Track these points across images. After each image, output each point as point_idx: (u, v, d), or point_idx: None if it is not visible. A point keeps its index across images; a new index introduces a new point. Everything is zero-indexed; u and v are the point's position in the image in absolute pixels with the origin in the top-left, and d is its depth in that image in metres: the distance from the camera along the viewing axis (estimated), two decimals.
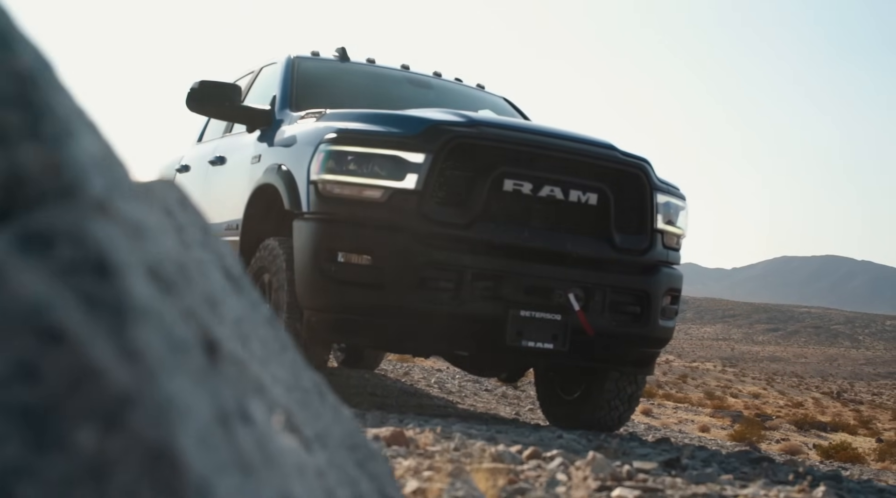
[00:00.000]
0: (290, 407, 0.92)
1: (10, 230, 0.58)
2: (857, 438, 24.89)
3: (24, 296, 0.55)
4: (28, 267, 0.57)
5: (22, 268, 0.57)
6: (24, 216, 0.60)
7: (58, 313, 0.56)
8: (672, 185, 7.33)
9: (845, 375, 71.02)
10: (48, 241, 0.59)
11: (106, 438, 0.55)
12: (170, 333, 0.63)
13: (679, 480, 3.69)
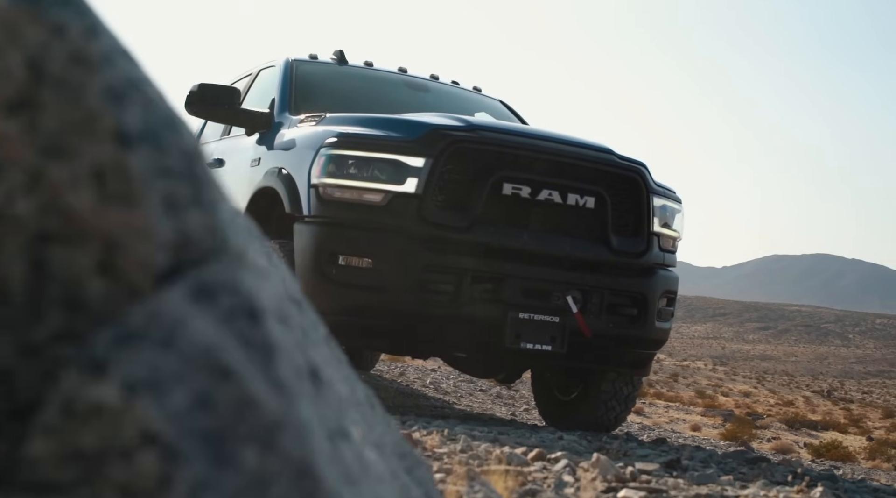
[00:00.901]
0: (358, 420, 1.03)
1: (184, 284, 0.70)
2: (847, 436, 25.06)
3: (199, 340, 0.66)
4: (200, 315, 0.68)
5: (196, 316, 0.68)
6: (193, 271, 0.71)
7: (224, 354, 0.67)
8: (668, 189, 7.45)
9: (835, 373, 71.33)
10: (213, 292, 0.71)
11: (264, 458, 0.66)
12: (294, 364, 0.74)
13: (681, 481, 3.81)
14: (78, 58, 0.71)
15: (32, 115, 0.70)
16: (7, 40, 0.69)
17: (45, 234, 0.70)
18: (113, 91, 0.72)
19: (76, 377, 0.64)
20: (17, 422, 0.69)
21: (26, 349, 0.70)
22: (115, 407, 0.62)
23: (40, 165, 0.68)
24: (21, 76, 0.70)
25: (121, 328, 0.67)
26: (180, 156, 0.72)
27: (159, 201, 0.71)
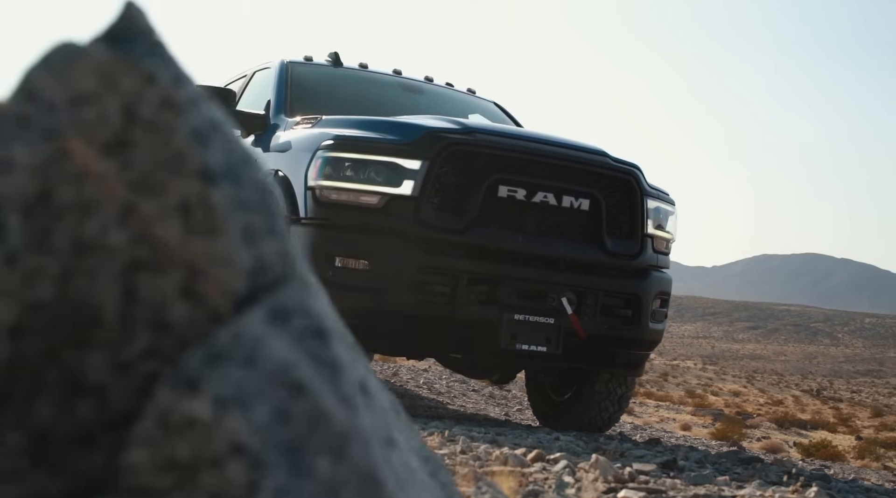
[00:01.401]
0: (401, 428, 1.10)
1: (262, 308, 0.77)
2: (836, 435, 25.19)
3: (277, 359, 0.73)
4: (277, 336, 0.75)
5: (273, 337, 0.75)
6: (268, 296, 0.78)
7: (299, 371, 0.74)
8: (662, 191, 7.53)
9: (825, 372, 71.59)
10: (287, 315, 0.78)
11: (335, 466, 0.73)
12: (353, 378, 0.81)
13: (678, 482, 3.89)
14: (167, 103, 0.78)
15: (126, 155, 0.77)
16: (105, 88, 0.76)
17: (136, 263, 0.76)
18: (197, 132, 0.79)
19: (171, 393, 0.71)
20: (110, 432, 0.76)
21: (118, 367, 0.77)
22: (206, 421, 0.69)
23: (132, 200, 0.75)
24: (117, 120, 0.77)
25: (210, 349, 0.74)
26: (255, 190, 0.80)
27: (238, 232, 0.78)
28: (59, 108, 0.76)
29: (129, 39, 0.80)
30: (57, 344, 0.75)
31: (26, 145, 0.73)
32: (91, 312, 0.76)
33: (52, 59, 0.77)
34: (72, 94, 0.76)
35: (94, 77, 0.77)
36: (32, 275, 0.73)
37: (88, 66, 0.77)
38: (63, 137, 0.74)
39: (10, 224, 0.73)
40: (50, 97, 0.76)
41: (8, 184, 0.72)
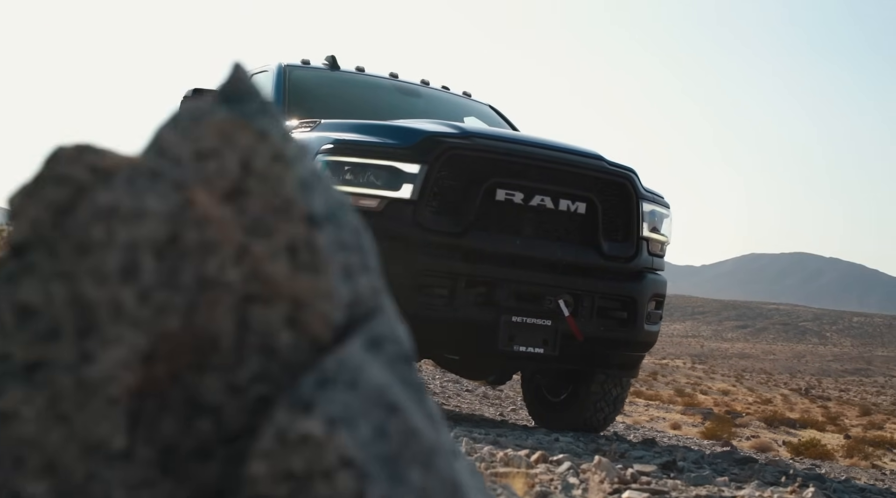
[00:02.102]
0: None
1: (360, 337, 0.87)
2: (825, 434, 25.36)
3: (375, 382, 0.83)
4: (373, 361, 0.85)
5: (370, 362, 0.85)
6: (364, 325, 0.88)
7: (393, 393, 0.84)
8: (657, 194, 7.64)
9: (813, 371, 71.89)
10: (381, 342, 0.88)
11: (426, 478, 0.83)
12: (427, 395, 0.91)
13: (679, 483, 3.99)
14: (278, 157, 0.88)
15: (242, 202, 0.87)
16: (225, 144, 0.86)
17: (248, 297, 0.87)
18: (303, 182, 0.89)
19: (288, 413, 0.81)
20: (226, 447, 0.86)
21: (232, 388, 0.87)
22: (319, 437, 0.79)
23: (246, 242, 0.85)
24: (235, 172, 0.87)
25: (319, 374, 0.84)
26: (352, 232, 0.90)
27: (338, 269, 0.88)
28: (185, 163, 0.86)
29: (241, 99, 0.90)
30: (181, 368, 0.85)
31: (158, 195, 0.83)
32: (210, 340, 0.86)
33: (180, 119, 0.87)
34: (196, 149, 0.86)
35: (216, 135, 0.87)
36: (163, 308, 0.83)
37: (210, 125, 0.87)
38: (189, 188, 0.84)
39: (144, 264, 0.83)
40: (178, 153, 0.86)
41: (142, 229, 0.82)
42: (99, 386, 0.82)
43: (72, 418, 0.81)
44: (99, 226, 0.82)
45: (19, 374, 0.82)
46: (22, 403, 0.81)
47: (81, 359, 0.82)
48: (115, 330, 0.82)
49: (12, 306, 0.83)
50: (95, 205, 0.83)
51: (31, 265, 0.83)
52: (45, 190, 0.85)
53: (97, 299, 0.82)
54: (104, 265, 0.82)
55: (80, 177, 0.85)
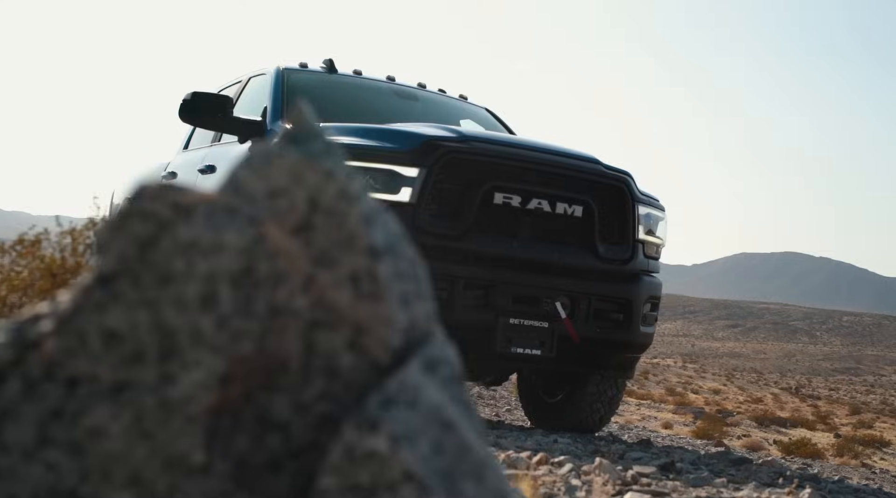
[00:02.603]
0: None
1: (417, 360, 0.94)
2: (815, 433, 25.46)
3: (432, 402, 0.90)
4: (429, 382, 0.92)
5: (427, 383, 0.92)
6: (421, 349, 0.96)
7: (448, 411, 0.91)
8: (652, 197, 7.72)
9: (803, 370, 72.12)
10: (435, 364, 0.95)
11: (478, 489, 0.90)
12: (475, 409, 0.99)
13: (678, 484, 4.08)
14: (343, 194, 0.95)
15: (309, 236, 0.94)
16: (295, 183, 0.93)
17: (314, 322, 0.94)
18: (366, 216, 0.97)
19: (355, 431, 0.89)
20: (293, 461, 0.93)
21: (299, 407, 0.94)
22: (384, 454, 0.86)
23: (313, 272, 0.92)
24: (303, 209, 0.94)
25: (383, 395, 0.91)
26: (409, 262, 0.97)
27: (397, 297, 0.96)
28: (258, 200, 0.93)
29: (307, 139, 0.97)
30: (253, 389, 0.92)
31: (234, 230, 0.90)
32: (279, 363, 0.93)
33: (254, 160, 0.94)
34: (269, 188, 0.94)
35: (286, 174, 0.94)
36: (238, 334, 0.90)
37: (281, 165, 0.94)
38: (262, 223, 0.91)
39: (222, 294, 0.90)
40: (252, 191, 0.93)
41: (220, 261, 0.89)
42: (180, 405, 0.89)
43: (155, 435, 0.89)
44: (180, 258, 0.90)
45: (106, 394, 0.89)
46: (109, 421, 0.89)
47: (164, 380, 0.90)
48: (195, 354, 0.89)
49: (100, 332, 0.90)
50: (177, 239, 0.90)
51: (117, 294, 0.90)
52: (131, 225, 0.92)
53: (178, 326, 0.89)
54: (185, 294, 0.89)
55: (163, 213, 0.92)
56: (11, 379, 0.94)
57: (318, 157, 0.97)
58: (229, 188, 0.95)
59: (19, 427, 0.92)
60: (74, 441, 0.91)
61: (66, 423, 0.92)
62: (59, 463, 0.91)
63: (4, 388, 0.94)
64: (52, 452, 0.92)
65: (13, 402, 0.93)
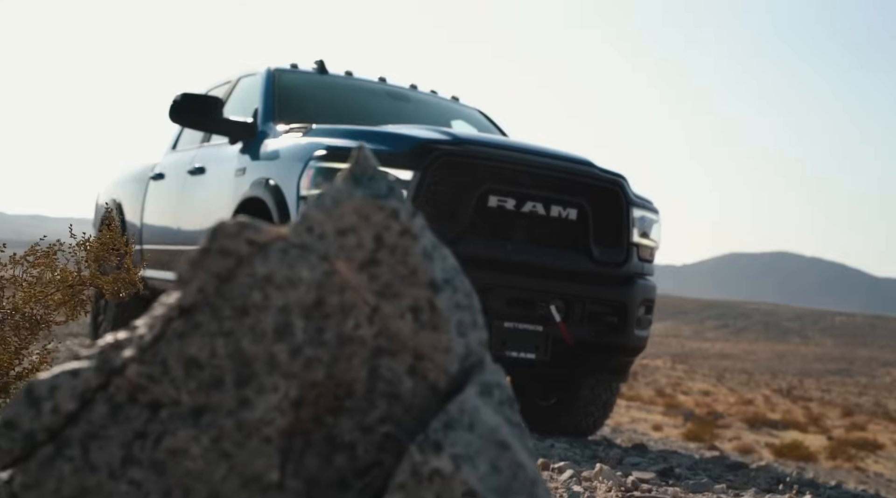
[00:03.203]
0: None
1: (474, 385, 1.03)
2: (807, 435, 25.63)
3: (488, 424, 0.99)
4: (485, 406, 1.01)
5: (484, 407, 1.01)
6: (477, 375, 1.04)
7: (503, 433, 1.00)
8: (646, 200, 7.82)
9: (795, 371, 72.37)
10: (490, 389, 1.04)
11: None
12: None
13: (679, 490, 4.17)
14: (406, 232, 1.04)
15: (374, 270, 1.03)
16: (361, 222, 1.02)
17: (378, 350, 1.03)
18: (426, 252, 1.05)
19: (421, 452, 0.97)
20: (359, 479, 1.01)
21: (364, 428, 1.03)
22: (448, 473, 0.95)
23: (377, 304, 1.01)
24: (370, 246, 1.03)
25: (445, 418, 1.00)
26: (465, 294, 1.06)
27: (454, 326, 1.05)
28: (329, 238, 1.02)
29: (370, 178, 1.06)
30: (322, 412, 1.01)
31: (307, 266, 0.99)
32: (346, 388, 1.02)
33: (324, 201, 1.03)
34: (338, 227, 1.02)
35: (354, 214, 1.03)
36: (310, 362, 0.99)
37: (349, 206, 1.03)
38: (332, 259, 1.00)
39: (295, 324, 0.98)
40: (322, 229, 1.02)
41: (295, 295, 0.98)
42: (256, 428, 0.98)
43: (233, 455, 0.97)
44: (257, 291, 0.98)
45: (187, 417, 0.98)
46: (190, 442, 0.97)
47: (241, 404, 0.98)
48: (271, 380, 0.98)
49: (181, 360, 0.98)
50: (254, 273, 0.99)
51: (197, 325, 0.99)
52: (210, 261, 1.00)
53: (255, 354, 0.98)
54: (261, 325, 0.98)
55: (240, 249, 1.01)
56: (98, 402, 1.03)
57: (382, 198, 1.06)
58: (301, 227, 1.04)
59: (106, 447, 1.00)
60: (157, 461, 1.00)
61: (150, 444, 1.00)
62: (143, 481, 1.00)
63: (92, 410, 1.03)
64: (137, 471, 1.00)
65: (100, 424, 1.02)
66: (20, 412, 1.06)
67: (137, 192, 10.27)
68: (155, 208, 9.67)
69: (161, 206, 9.50)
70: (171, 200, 9.25)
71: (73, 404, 1.05)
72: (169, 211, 9.22)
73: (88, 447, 1.02)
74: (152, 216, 9.70)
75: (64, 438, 1.04)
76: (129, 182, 10.73)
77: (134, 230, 10.07)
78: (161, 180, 9.85)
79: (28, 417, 1.05)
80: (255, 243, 1.02)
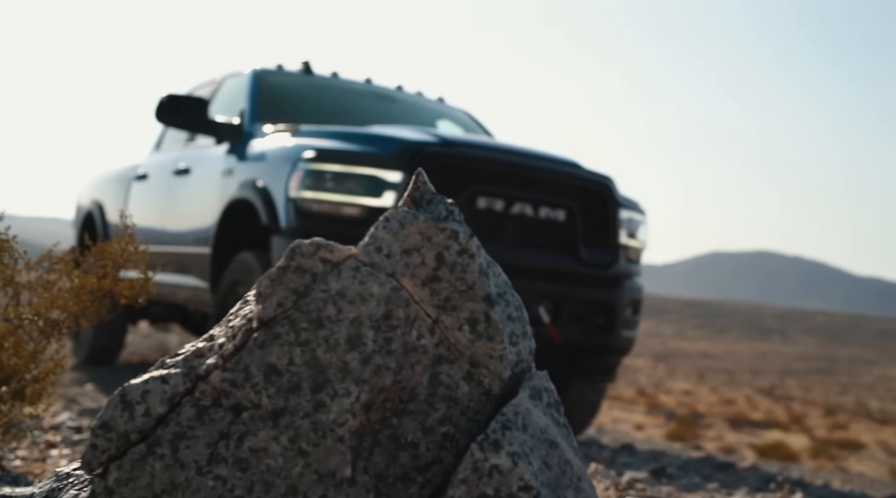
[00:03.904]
0: None
1: (526, 389, 1.16)
2: (789, 435, 25.85)
3: (539, 425, 1.11)
4: (536, 408, 1.13)
5: (535, 409, 1.13)
6: (528, 381, 1.16)
7: (552, 432, 1.12)
8: (633, 201, 7.95)
9: (776, 371, 72.80)
10: (540, 393, 1.16)
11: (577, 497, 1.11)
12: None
13: (672, 489, 4.29)
14: (464, 251, 1.16)
15: (436, 286, 1.15)
16: (425, 242, 1.14)
17: (439, 358, 1.14)
18: (482, 269, 1.18)
19: (481, 450, 1.09)
20: (422, 474, 1.13)
21: (425, 429, 1.15)
22: (506, 469, 1.07)
23: (438, 316, 1.13)
24: (432, 264, 1.15)
25: (502, 420, 1.12)
26: (516, 307, 1.19)
27: (507, 336, 1.16)
28: (395, 257, 1.14)
29: (430, 202, 1.18)
30: (388, 414, 1.12)
31: (376, 282, 1.11)
32: (410, 392, 1.14)
33: (390, 223, 1.15)
34: (404, 247, 1.14)
35: (418, 235, 1.15)
36: (379, 369, 1.11)
37: (414, 227, 1.15)
38: (398, 276, 1.12)
39: (366, 335, 1.10)
40: (390, 249, 1.14)
41: (366, 308, 1.10)
42: (330, 428, 1.10)
43: (309, 453, 1.09)
44: (331, 305, 1.10)
45: (267, 419, 1.09)
46: (270, 442, 1.09)
47: (317, 407, 1.10)
48: (344, 386, 1.10)
49: (262, 367, 1.10)
50: (328, 289, 1.11)
51: (276, 336, 1.10)
52: (288, 278, 1.12)
53: (329, 362, 1.09)
54: (335, 336, 1.09)
55: (315, 267, 1.12)
56: (186, 406, 1.14)
57: (442, 220, 1.18)
58: (370, 247, 1.16)
59: (193, 446, 1.12)
60: (240, 459, 1.11)
61: (233, 443, 1.12)
62: (227, 477, 1.11)
63: (180, 413, 1.14)
64: (222, 468, 1.12)
65: (187, 425, 1.13)
66: (114, 415, 1.17)
67: (120, 193, 10.31)
68: (139, 209, 9.71)
69: (145, 207, 9.55)
70: (156, 201, 9.31)
71: (163, 408, 1.17)
72: (154, 212, 9.26)
73: (177, 446, 1.13)
74: (136, 217, 9.71)
75: (155, 439, 1.16)
76: (110, 182, 10.77)
77: (117, 231, 10.13)
78: (145, 181, 9.90)
79: (122, 420, 1.17)
80: (328, 262, 1.14)
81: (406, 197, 1.22)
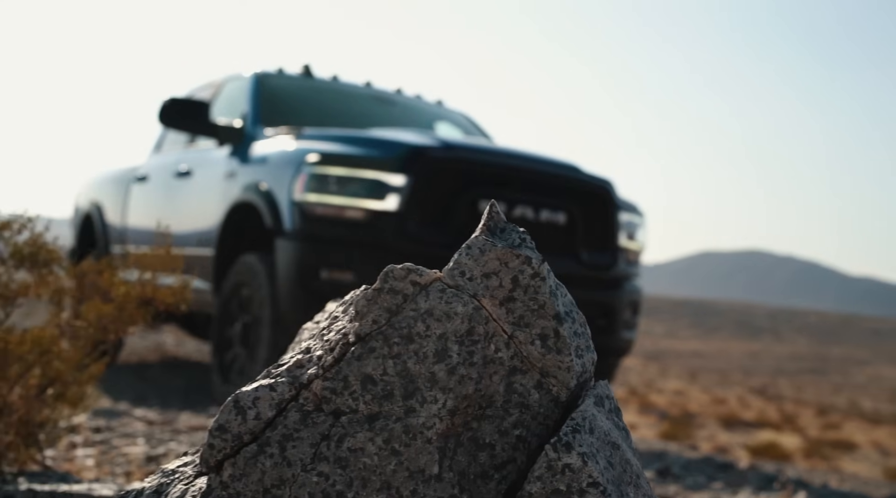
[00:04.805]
0: None
1: (591, 397, 1.31)
2: (782, 434, 26.04)
3: (603, 428, 1.27)
4: (599, 413, 1.29)
5: (599, 415, 1.29)
6: (591, 389, 1.32)
7: (614, 435, 1.28)
8: (632, 204, 8.12)
9: (768, 370, 73.07)
10: (602, 400, 1.32)
11: (636, 494, 1.27)
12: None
13: (678, 488, 4.45)
14: (536, 275, 1.32)
15: (511, 306, 1.30)
16: (502, 267, 1.30)
17: (513, 369, 1.30)
18: (552, 290, 1.33)
19: (554, 451, 1.25)
20: (498, 472, 1.29)
21: (501, 432, 1.30)
22: (577, 467, 1.23)
23: (513, 332, 1.28)
24: (508, 286, 1.30)
25: (573, 424, 1.28)
26: (581, 324, 1.35)
27: (573, 349, 1.32)
28: (476, 280, 1.30)
29: (503, 230, 1.34)
30: (469, 419, 1.28)
31: (460, 302, 1.26)
32: (488, 399, 1.29)
33: (472, 250, 1.30)
34: (484, 271, 1.30)
35: (496, 260, 1.30)
36: (463, 379, 1.27)
37: (493, 254, 1.31)
38: (479, 297, 1.27)
39: (451, 349, 1.26)
40: (471, 273, 1.30)
41: (451, 326, 1.26)
42: (420, 431, 1.25)
43: (401, 453, 1.24)
44: (420, 323, 1.26)
45: (364, 422, 1.25)
46: (367, 443, 1.24)
47: (407, 412, 1.26)
48: (431, 393, 1.25)
49: (359, 377, 1.25)
50: (418, 308, 1.26)
51: (372, 349, 1.26)
52: (382, 298, 1.28)
53: (418, 373, 1.25)
54: (424, 349, 1.25)
55: (406, 289, 1.28)
56: (291, 411, 1.30)
57: (517, 247, 1.34)
58: (455, 271, 1.32)
59: (298, 446, 1.28)
60: (340, 457, 1.27)
61: (334, 444, 1.27)
62: (329, 474, 1.27)
63: (286, 417, 1.30)
64: (324, 466, 1.28)
65: (293, 428, 1.29)
66: (229, 418, 1.33)
67: (119, 194, 10.44)
68: (139, 210, 9.85)
69: (146, 209, 9.69)
70: (157, 203, 9.45)
71: (271, 412, 1.32)
72: (155, 213, 9.39)
73: (285, 446, 1.29)
74: (136, 218, 9.87)
75: (265, 439, 1.31)
76: (109, 184, 10.90)
77: (116, 232, 10.25)
78: (145, 182, 10.02)
79: (236, 423, 1.32)
80: (418, 284, 1.30)
81: (482, 226, 1.38)
